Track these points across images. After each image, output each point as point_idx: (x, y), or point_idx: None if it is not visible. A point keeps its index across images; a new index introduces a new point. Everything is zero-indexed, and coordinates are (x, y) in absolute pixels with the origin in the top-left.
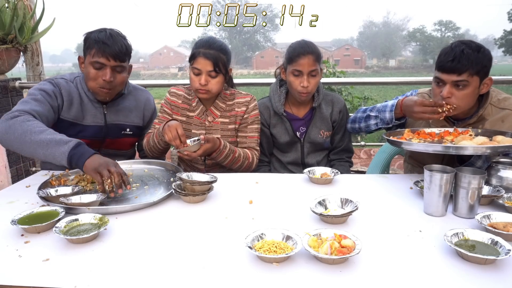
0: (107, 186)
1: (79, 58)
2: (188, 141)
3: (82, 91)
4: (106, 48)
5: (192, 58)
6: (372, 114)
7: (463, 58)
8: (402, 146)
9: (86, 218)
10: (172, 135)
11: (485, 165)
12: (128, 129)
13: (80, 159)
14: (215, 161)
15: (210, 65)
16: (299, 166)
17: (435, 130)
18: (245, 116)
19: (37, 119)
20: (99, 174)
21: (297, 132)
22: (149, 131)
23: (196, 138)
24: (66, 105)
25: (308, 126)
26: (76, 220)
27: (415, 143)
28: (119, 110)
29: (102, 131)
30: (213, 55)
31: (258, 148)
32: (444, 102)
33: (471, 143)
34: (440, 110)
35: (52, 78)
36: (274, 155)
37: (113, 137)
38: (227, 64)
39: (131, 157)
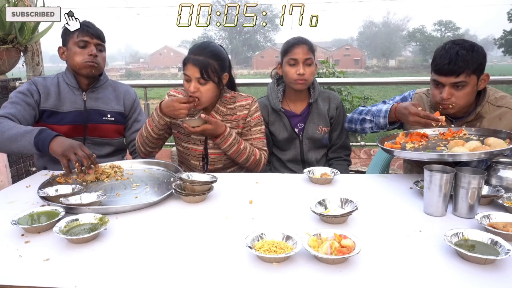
0: (76, 169)
1: (59, 48)
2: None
3: (62, 82)
4: (89, 29)
5: (184, 64)
6: (367, 118)
7: (459, 60)
8: (395, 155)
9: (86, 218)
10: (183, 106)
11: (480, 164)
12: (109, 115)
13: (44, 143)
14: (219, 149)
15: (198, 72)
16: (298, 164)
17: (429, 130)
18: (247, 119)
19: (12, 120)
20: (66, 158)
21: (296, 129)
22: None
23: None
24: (43, 97)
25: (306, 122)
26: (76, 220)
27: (408, 152)
28: (98, 98)
29: (83, 116)
30: (201, 62)
31: (266, 149)
32: (440, 118)
33: (464, 149)
34: (434, 124)
35: (32, 78)
36: (274, 154)
37: (95, 122)
38: (219, 71)
39: (120, 147)
